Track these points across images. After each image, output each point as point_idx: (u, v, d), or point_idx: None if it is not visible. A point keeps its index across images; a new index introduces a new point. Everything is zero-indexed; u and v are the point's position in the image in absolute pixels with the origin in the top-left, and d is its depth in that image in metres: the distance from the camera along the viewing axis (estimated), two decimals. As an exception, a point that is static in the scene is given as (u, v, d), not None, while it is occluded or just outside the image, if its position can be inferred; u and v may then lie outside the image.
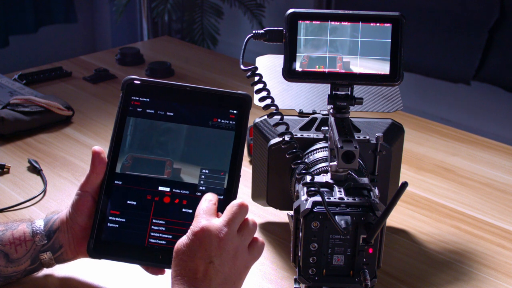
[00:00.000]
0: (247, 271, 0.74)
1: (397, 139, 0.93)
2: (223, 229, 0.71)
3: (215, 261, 0.70)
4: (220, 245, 0.70)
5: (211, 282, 0.69)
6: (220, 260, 0.70)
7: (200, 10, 3.12)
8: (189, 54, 1.88)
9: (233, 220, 0.72)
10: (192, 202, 0.80)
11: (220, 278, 0.70)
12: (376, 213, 0.72)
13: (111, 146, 0.81)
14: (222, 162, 0.80)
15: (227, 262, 0.71)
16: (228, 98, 0.82)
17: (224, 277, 0.70)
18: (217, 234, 0.71)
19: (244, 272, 0.74)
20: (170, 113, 0.82)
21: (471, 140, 1.34)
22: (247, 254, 0.73)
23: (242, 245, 0.73)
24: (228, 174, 0.80)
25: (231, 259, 0.71)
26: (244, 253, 0.73)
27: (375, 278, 0.74)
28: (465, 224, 1.04)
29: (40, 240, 0.81)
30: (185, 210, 0.80)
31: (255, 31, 0.80)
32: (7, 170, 1.16)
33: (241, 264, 0.72)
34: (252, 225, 0.75)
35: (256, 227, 0.76)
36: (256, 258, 0.75)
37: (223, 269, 0.70)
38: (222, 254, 0.70)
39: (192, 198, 0.80)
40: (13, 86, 1.48)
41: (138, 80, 0.83)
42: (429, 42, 2.73)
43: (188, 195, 0.80)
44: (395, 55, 0.76)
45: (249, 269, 0.74)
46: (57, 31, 3.52)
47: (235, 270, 0.72)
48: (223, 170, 0.80)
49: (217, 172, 0.80)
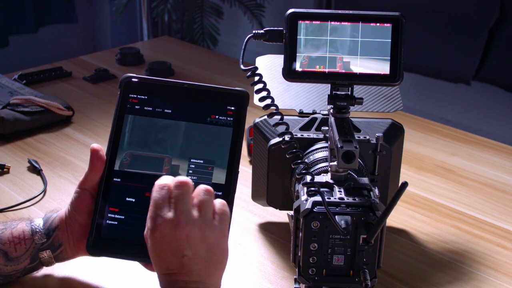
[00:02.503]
0: (225, 239, 0.70)
1: (397, 139, 0.93)
2: (176, 220, 0.67)
3: (187, 253, 0.67)
4: (182, 236, 0.67)
5: (192, 272, 0.67)
6: (191, 250, 0.67)
7: (200, 10, 3.12)
8: (189, 54, 1.88)
9: (180, 204, 0.68)
10: None
11: (200, 264, 0.68)
12: (376, 213, 0.72)
13: (110, 143, 0.82)
14: (220, 158, 0.80)
15: (199, 247, 0.68)
16: (226, 94, 0.82)
17: (203, 261, 0.68)
18: (174, 227, 0.67)
19: (222, 242, 0.70)
20: (168, 110, 0.82)
21: (471, 140, 1.34)
22: (215, 226, 0.69)
23: (206, 222, 0.69)
24: (226, 170, 0.80)
25: (201, 241, 0.68)
26: (211, 227, 0.69)
27: (375, 278, 0.74)
28: (465, 224, 1.04)
29: (40, 238, 0.81)
30: None
31: (255, 31, 0.80)
32: (7, 170, 1.16)
33: (214, 239, 0.69)
34: (204, 194, 0.70)
35: (209, 193, 0.70)
36: (226, 222, 0.71)
37: (198, 255, 0.68)
38: (189, 242, 0.67)
39: None
40: (13, 86, 1.48)
41: (136, 78, 0.83)
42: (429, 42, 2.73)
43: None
44: (395, 55, 0.76)
45: (226, 236, 0.70)
46: (57, 31, 3.52)
47: (211, 248, 0.69)
48: (221, 166, 0.80)
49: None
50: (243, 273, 0.90)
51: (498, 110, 2.74)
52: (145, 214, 0.79)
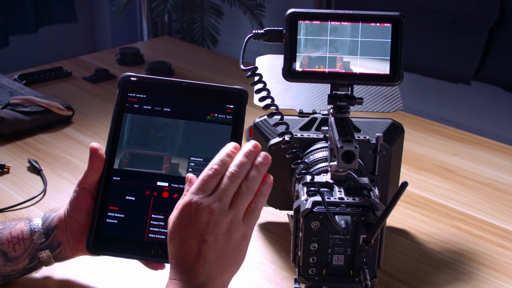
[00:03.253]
0: (247, 241, 0.70)
1: (397, 139, 0.93)
2: (214, 204, 0.67)
3: (208, 239, 0.67)
4: (211, 221, 0.67)
5: (206, 262, 0.67)
6: (213, 237, 0.67)
7: (200, 10, 3.12)
8: (189, 54, 1.88)
9: (224, 193, 0.68)
10: None
11: (216, 256, 0.67)
12: (376, 213, 0.72)
13: (109, 142, 0.82)
14: None
15: (221, 238, 0.67)
16: (225, 93, 0.82)
17: (220, 254, 0.67)
18: (208, 210, 0.67)
19: (243, 243, 0.70)
20: (167, 108, 0.83)
21: (471, 140, 1.34)
22: (242, 225, 0.69)
23: (236, 218, 0.69)
24: None
25: (225, 234, 0.68)
26: (239, 225, 0.69)
27: (375, 278, 0.74)
28: (465, 224, 1.04)
29: (38, 238, 0.81)
30: None
31: (255, 31, 0.80)
32: (7, 170, 1.16)
33: (237, 237, 0.69)
34: (245, 193, 0.69)
35: (250, 193, 0.70)
36: (253, 226, 0.70)
37: (217, 246, 0.67)
38: (215, 231, 0.67)
39: None
40: (13, 86, 1.48)
41: (135, 77, 0.83)
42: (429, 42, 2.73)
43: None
44: (395, 55, 0.76)
45: (248, 238, 0.70)
46: (57, 31, 3.52)
47: (232, 244, 0.68)
48: None
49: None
50: (243, 273, 0.90)
51: (498, 110, 2.74)
52: (145, 212, 0.80)
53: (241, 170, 0.70)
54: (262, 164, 0.71)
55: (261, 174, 0.71)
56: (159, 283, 0.85)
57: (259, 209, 0.71)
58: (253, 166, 0.71)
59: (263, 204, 0.72)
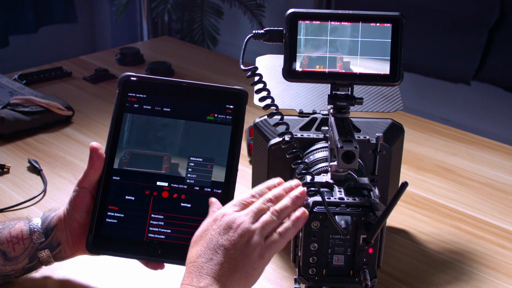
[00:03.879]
0: (263, 263, 0.70)
1: (397, 139, 0.93)
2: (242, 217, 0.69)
3: (228, 245, 0.68)
4: (237, 231, 0.68)
5: (220, 267, 0.67)
6: (233, 245, 0.68)
7: (200, 10, 3.12)
8: (189, 54, 1.88)
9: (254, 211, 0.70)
10: (190, 196, 0.80)
11: (230, 263, 0.67)
12: (376, 213, 0.72)
13: (109, 142, 0.82)
14: (219, 156, 0.81)
15: (239, 247, 0.68)
16: (225, 93, 0.82)
17: (234, 263, 0.67)
18: (236, 220, 0.69)
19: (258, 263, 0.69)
20: (167, 108, 0.83)
21: (471, 140, 1.34)
22: (262, 245, 0.69)
23: (258, 235, 0.69)
24: (225, 168, 0.80)
25: (245, 246, 0.68)
26: (259, 244, 0.69)
27: (375, 278, 0.74)
28: (465, 224, 1.04)
29: (38, 238, 0.81)
30: (184, 204, 0.80)
31: (255, 31, 0.80)
32: (7, 170, 1.16)
33: (254, 254, 0.69)
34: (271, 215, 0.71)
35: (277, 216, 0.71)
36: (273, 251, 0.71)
37: (234, 254, 0.67)
38: (236, 239, 0.68)
39: (190, 192, 0.80)
40: (13, 86, 1.48)
41: (135, 76, 0.83)
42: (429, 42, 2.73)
43: (186, 189, 0.80)
44: (395, 55, 0.76)
45: (265, 260, 0.70)
46: (57, 31, 3.52)
47: (247, 258, 0.68)
48: (220, 164, 0.81)
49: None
50: (243, 273, 0.90)
51: (498, 110, 2.73)
52: (144, 212, 0.80)
53: (275, 198, 0.72)
54: (297, 197, 0.73)
55: (294, 204, 0.72)
56: (158, 283, 0.85)
57: (285, 239, 0.71)
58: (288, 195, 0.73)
59: (291, 236, 0.72)
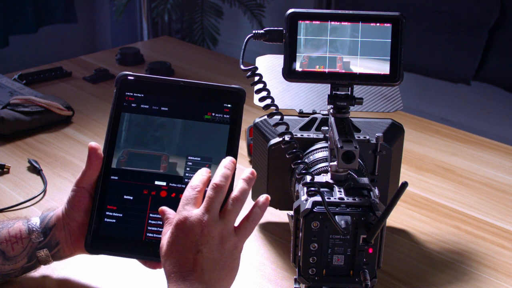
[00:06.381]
0: (238, 251, 0.73)
1: (397, 139, 0.93)
2: (204, 216, 0.70)
3: (203, 249, 0.69)
4: (204, 232, 0.70)
5: (203, 272, 0.69)
6: (207, 248, 0.70)
7: (200, 10, 3.12)
8: (189, 54, 1.88)
9: (211, 205, 0.71)
10: None
11: (212, 265, 0.70)
12: (376, 213, 0.72)
13: (107, 141, 0.82)
14: (217, 155, 0.80)
15: (215, 248, 0.70)
16: (222, 92, 0.82)
17: (215, 263, 0.70)
18: (199, 222, 0.70)
19: (235, 253, 0.72)
20: (165, 108, 0.83)
21: (471, 140, 1.34)
22: (234, 236, 0.72)
23: (227, 228, 0.72)
24: None
25: (218, 244, 0.70)
26: (230, 235, 0.72)
27: (375, 278, 0.74)
28: (465, 224, 1.04)
29: (37, 237, 0.81)
30: None
31: (255, 31, 0.80)
32: (7, 170, 1.16)
33: (230, 247, 0.71)
34: (232, 205, 0.73)
35: (239, 205, 0.73)
36: (245, 238, 0.73)
37: (212, 255, 0.70)
38: (208, 241, 0.70)
39: None
40: (13, 86, 1.48)
41: (132, 76, 0.83)
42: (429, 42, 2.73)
43: (185, 189, 0.80)
44: (395, 55, 0.76)
45: (239, 249, 0.73)
46: (57, 31, 3.52)
47: (225, 253, 0.71)
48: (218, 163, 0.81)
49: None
50: (243, 273, 0.90)
51: (498, 110, 2.74)
52: (143, 211, 0.80)
53: (224, 181, 0.73)
54: (249, 179, 0.75)
55: (249, 187, 0.74)
56: (158, 282, 0.85)
57: (254, 223, 0.74)
58: (241, 180, 0.75)
59: (258, 219, 0.74)
